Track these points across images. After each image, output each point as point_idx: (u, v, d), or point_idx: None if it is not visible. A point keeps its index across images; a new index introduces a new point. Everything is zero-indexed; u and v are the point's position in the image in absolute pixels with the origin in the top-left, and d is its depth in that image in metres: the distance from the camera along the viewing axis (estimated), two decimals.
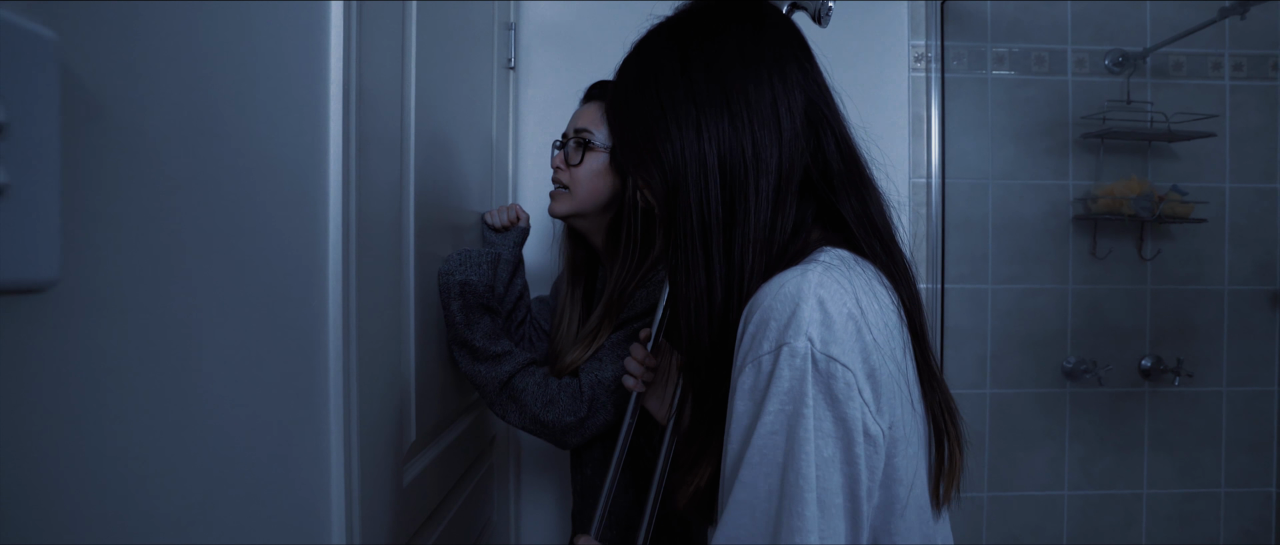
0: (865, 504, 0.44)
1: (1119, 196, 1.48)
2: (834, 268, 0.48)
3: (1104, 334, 1.57)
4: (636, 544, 0.72)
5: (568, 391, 0.87)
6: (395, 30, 0.73)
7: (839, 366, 0.43)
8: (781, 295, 0.45)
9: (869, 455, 0.43)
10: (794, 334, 0.43)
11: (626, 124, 0.56)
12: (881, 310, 0.48)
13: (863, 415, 0.43)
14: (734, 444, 0.46)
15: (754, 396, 0.45)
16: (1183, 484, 1.59)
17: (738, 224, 0.50)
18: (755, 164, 0.51)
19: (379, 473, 0.67)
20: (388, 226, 0.72)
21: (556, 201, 0.98)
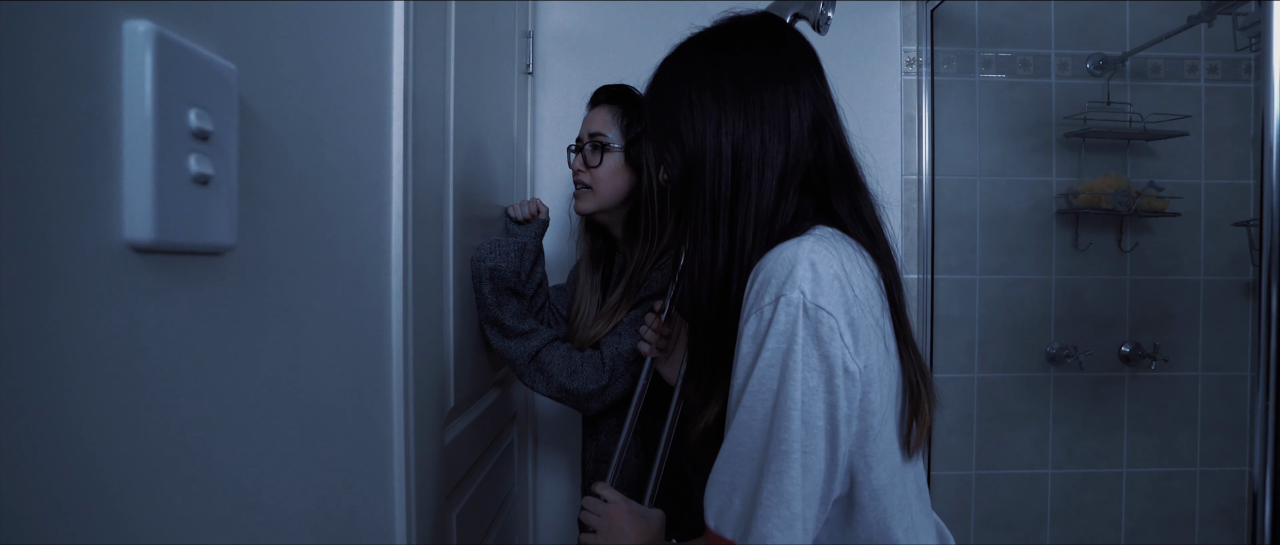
0: (844, 428, 0.53)
1: (1099, 192, 1.57)
2: (825, 239, 0.58)
3: (1085, 321, 1.66)
4: (646, 494, 0.83)
5: (590, 362, 0.98)
6: (440, 36, 0.83)
7: (824, 313, 0.53)
8: (781, 259, 0.55)
9: (847, 387, 0.53)
10: (790, 287, 0.53)
11: (659, 112, 0.66)
12: (862, 276, 0.58)
13: (843, 354, 0.53)
14: (739, 378, 0.56)
15: (756, 339, 0.54)
16: (1160, 463, 1.68)
17: (741, 205, 0.60)
18: (762, 157, 0.61)
19: (428, 429, 0.78)
20: (433, 217, 0.82)
21: (582, 200, 1.09)
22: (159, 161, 0.33)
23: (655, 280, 1.02)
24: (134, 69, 0.32)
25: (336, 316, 0.55)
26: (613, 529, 0.77)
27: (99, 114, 0.31)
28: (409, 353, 0.70)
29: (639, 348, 0.88)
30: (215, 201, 0.37)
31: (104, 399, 0.31)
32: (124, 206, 0.32)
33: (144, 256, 0.33)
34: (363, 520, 0.61)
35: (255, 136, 0.42)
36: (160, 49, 0.33)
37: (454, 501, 0.91)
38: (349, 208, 0.58)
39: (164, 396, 0.35)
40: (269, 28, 0.44)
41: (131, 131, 0.32)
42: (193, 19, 0.37)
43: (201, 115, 0.36)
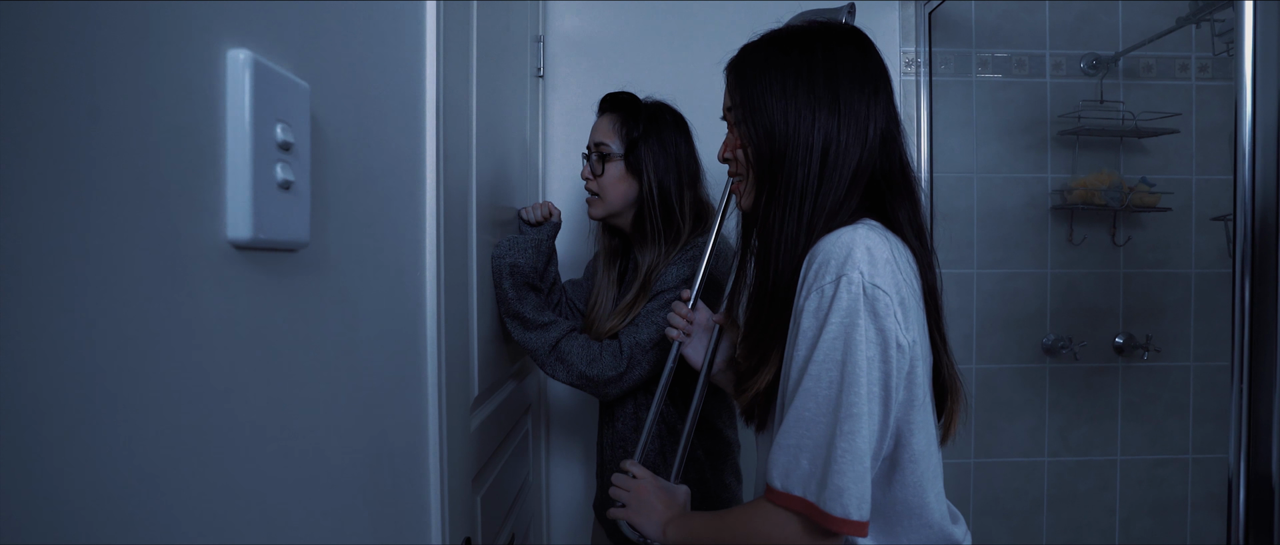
0: (894, 396, 0.61)
1: (1092, 188, 1.62)
2: (876, 228, 0.65)
3: (1080, 314, 1.71)
4: (672, 472, 0.89)
5: (609, 351, 1.04)
6: (463, 45, 0.89)
7: (881, 292, 0.60)
8: (839, 244, 0.62)
9: (898, 359, 0.60)
10: (850, 268, 0.60)
11: (752, 91, 0.71)
12: (907, 262, 0.65)
13: (896, 329, 0.60)
14: (802, 350, 0.62)
15: (818, 315, 0.61)
16: (1152, 451, 1.73)
17: (821, 194, 0.67)
18: (844, 155, 0.67)
19: (457, 415, 0.83)
20: (459, 218, 0.87)
21: (592, 207, 1.16)
22: (255, 170, 0.38)
23: (669, 276, 1.07)
24: (236, 91, 0.37)
25: (382, 308, 0.60)
26: (642, 503, 0.83)
27: (207, 130, 0.36)
28: (441, 343, 0.75)
29: (667, 333, 0.94)
30: (294, 204, 0.43)
31: (213, 372, 0.36)
32: (227, 209, 0.37)
33: (242, 252, 0.38)
34: (404, 496, 0.66)
35: (320, 145, 0.48)
36: (256, 73, 0.38)
37: (479, 485, 0.96)
38: (391, 208, 0.63)
39: (259, 370, 0.40)
40: (330, 47, 0.50)
41: (233, 145, 0.37)
42: (272, 43, 0.42)
43: (285, 129, 0.41)
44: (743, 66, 0.74)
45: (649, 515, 0.83)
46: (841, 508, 0.59)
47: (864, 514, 0.59)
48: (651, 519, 0.82)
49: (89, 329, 0.27)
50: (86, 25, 0.27)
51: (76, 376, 0.27)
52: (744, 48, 0.75)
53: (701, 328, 0.94)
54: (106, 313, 0.28)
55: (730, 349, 0.92)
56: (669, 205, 1.12)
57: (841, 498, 0.59)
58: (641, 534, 0.84)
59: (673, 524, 0.80)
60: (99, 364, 0.28)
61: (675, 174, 1.14)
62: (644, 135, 1.12)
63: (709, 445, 1.12)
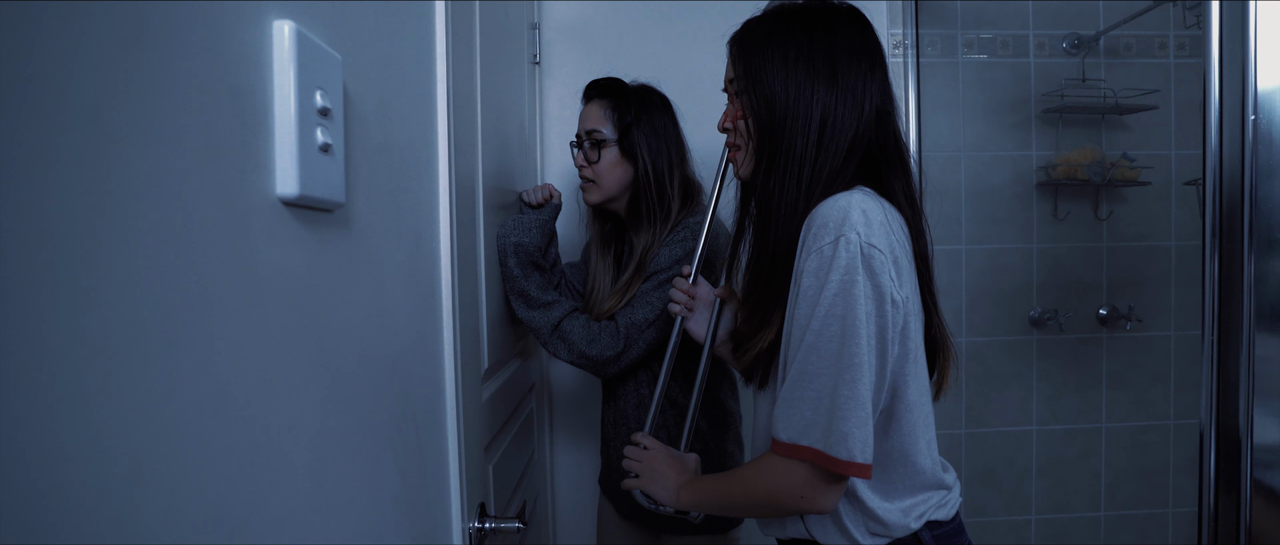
0: (889, 349, 0.65)
1: (1075, 164, 1.67)
2: (870, 194, 0.69)
3: (1065, 287, 1.77)
4: (682, 441, 0.93)
5: (607, 331, 1.08)
6: (468, 30, 0.92)
7: (876, 251, 0.63)
8: (835, 208, 0.66)
9: (893, 314, 0.64)
10: (847, 230, 0.64)
11: (754, 63, 0.74)
12: (899, 225, 0.70)
13: (890, 286, 0.64)
14: (804, 308, 0.66)
15: (819, 274, 0.65)
16: (1137, 418, 1.79)
17: (818, 163, 0.71)
18: (840, 127, 0.71)
19: (470, 383, 0.86)
20: (468, 195, 0.90)
21: (588, 193, 1.19)
22: (300, 132, 0.41)
23: (663, 257, 1.11)
24: (281, 59, 0.40)
25: (404, 271, 0.64)
26: (654, 472, 0.87)
27: (259, 94, 0.39)
28: (456, 312, 0.79)
29: (670, 309, 0.97)
30: (332, 166, 0.46)
31: (272, 317, 0.39)
32: (276, 167, 0.41)
33: (290, 209, 0.42)
34: (428, 454, 0.70)
35: (350, 114, 0.51)
36: (299, 43, 0.41)
37: (490, 455, 1.00)
38: (410, 178, 0.66)
39: (308, 319, 0.43)
40: (357, 24, 0.53)
41: (280, 109, 0.41)
42: (310, 16, 0.45)
43: (324, 95, 0.44)
44: (746, 40, 0.77)
45: (662, 483, 0.87)
46: (847, 451, 0.63)
47: (868, 457, 0.63)
48: (664, 486, 0.86)
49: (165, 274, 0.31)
50: None
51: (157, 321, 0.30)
52: (747, 22, 0.79)
53: (703, 302, 0.98)
54: (180, 258, 0.32)
55: (732, 321, 0.96)
56: (663, 186, 1.15)
57: (847, 442, 0.63)
58: (655, 501, 0.88)
59: (685, 488, 0.85)
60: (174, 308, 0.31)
61: (667, 155, 1.17)
62: (635, 119, 1.16)
63: (712, 416, 1.16)
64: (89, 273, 0.25)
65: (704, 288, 0.99)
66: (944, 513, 0.72)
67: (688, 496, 0.84)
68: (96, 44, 0.26)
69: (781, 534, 0.78)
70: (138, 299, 0.28)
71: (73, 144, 0.25)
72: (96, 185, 0.26)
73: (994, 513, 1.77)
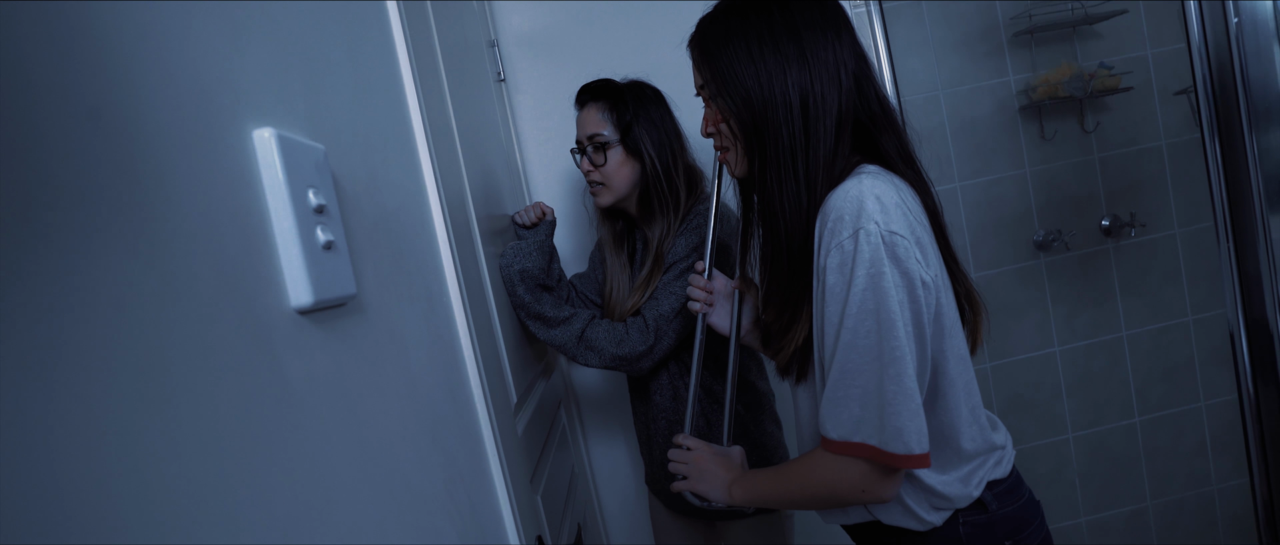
0: (928, 329, 0.64)
1: (1055, 82, 1.66)
2: (879, 175, 0.67)
3: (1064, 205, 1.76)
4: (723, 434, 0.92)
5: (635, 327, 1.08)
6: (433, 68, 0.90)
7: (898, 237, 0.62)
8: (848, 198, 0.64)
9: (925, 297, 0.63)
10: (865, 220, 0.62)
11: (719, 65, 0.72)
12: (915, 201, 0.68)
13: (918, 269, 0.62)
14: (833, 306, 0.64)
15: (843, 271, 0.63)
16: (1155, 320, 1.80)
17: (812, 149, 0.68)
18: (823, 105, 0.68)
19: (505, 424, 0.86)
20: (465, 237, 0.89)
21: (600, 197, 1.18)
22: (302, 239, 0.40)
23: (679, 247, 1.11)
24: (268, 168, 0.39)
25: (425, 335, 0.63)
26: (702, 472, 0.86)
27: (253, 212, 0.38)
28: (478, 358, 0.78)
29: (690, 306, 0.96)
30: (338, 261, 0.45)
31: (308, 429, 0.39)
32: (285, 280, 0.40)
33: (308, 316, 0.41)
34: (480, 509, 0.69)
35: (344, 199, 0.50)
36: (283, 147, 0.40)
37: (536, 485, 1.00)
38: (410, 242, 0.65)
39: (343, 418, 0.43)
40: (330, 103, 0.52)
41: (277, 218, 0.40)
42: (285, 113, 0.44)
43: (316, 193, 0.43)
44: (705, 41, 0.75)
45: (711, 482, 0.86)
46: (904, 445, 0.62)
47: (924, 446, 0.63)
48: (714, 485, 0.86)
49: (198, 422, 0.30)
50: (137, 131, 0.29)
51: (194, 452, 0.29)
52: (701, 21, 0.76)
53: (722, 295, 0.97)
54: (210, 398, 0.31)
55: (753, 310, 0.95)
56: (671, 178, 1.15)
57: (902, 436, 0.62)
58: (706, 500, 0.88)
59: (737, 485, 0.84)
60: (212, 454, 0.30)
61: (669, 147, 1.17)
62: (635, 116, 1.15)
63: (747, 400, 1.16)
64: (124, 438, 0.25)
65: (721, 281, 0.98)
66: (1001, 470, 0.72)
67: (741, 493, 0.84)
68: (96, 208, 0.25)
69: (845, 521, 0.78)
70: (176, 450, 0.27)
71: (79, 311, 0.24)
72: (121, 352, 0.25)
73: (1031, 438, 1.78)
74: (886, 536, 0.75)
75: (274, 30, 0.45)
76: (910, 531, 0.73)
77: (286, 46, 0.46)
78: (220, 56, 0.37)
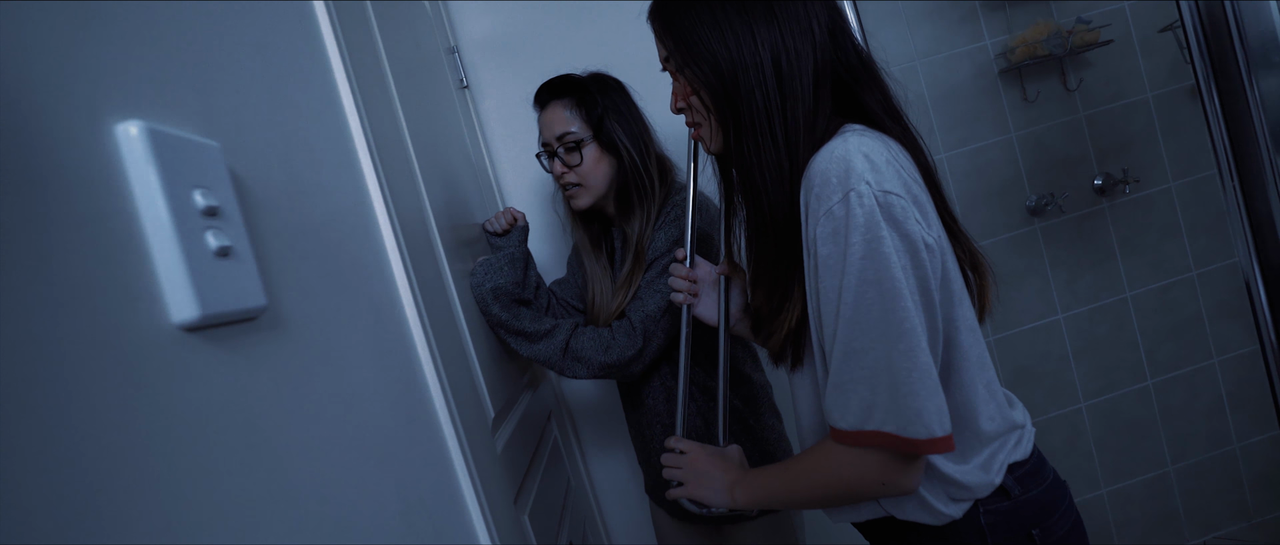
0: (936, 296, 0.57)
1: (1032, 42, 1.61)
2: (866, 132, 0.61)
3: (1054, 167, 1.72)
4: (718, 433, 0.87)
5: (621, 331, 1.02)
6: (378, 74, 0.85)
7: (893, 197, 0.56)
8: (833, 159, 0.58)
9: (930, 261, 0.57)
10: (855, 181, 0.56)
11: (683, 35, 0.66)
12: (907, 158, 0.62)
13: (919, 230, 0.56)
14: (829, 280, 0.58)
15: (836, 239, 0.57)
16: (1158, 277, 1.75)
17: (789, 110, 0.62)
18: (797, 62, 0.62)
19: (480, 442, 0.81)
20: (424, 248, 0.84)
21: (578, 199, 1.12)
22: (184, 245, 0.35)
23: (659, 241, 1.06)
24: (137, 167, 0.34)
25: (370, 353, 0.58)
26: (698, 476, 0.80)
27: (118, 212, 0.33)
28: (442, 374, 0.73)
29: (672, 299, 0.91)
30: (239, 269, 0.40)
31: (207, 461, 0.33)
32: (164, 292, 0.34)
33: (197, 334, 0.36)
34: (449, 534, 0.64)
35: (250, 203, 0.45)
36: (155, 143, 0.35)
37: (522, 505, 0.94)
38: (349, 252, 0.60)
39: (250, 450, 0.37)
40: (233, 101, 0.46)
41: (151, 223, 0.34)
42: (165, 107, 0.39)
43: (206, 194, 0.38)
44: (663, 9, 0.70)
45: (710, 486, 0.80)
46: (925, 428, 0.56)
47: (947, 427, 0.56)
48: (714, 488, 0.80)
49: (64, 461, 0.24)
50: None
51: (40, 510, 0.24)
52: None
53: (707, 284, 0.91)
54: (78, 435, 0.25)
55: (742, 296, 0.90)
56: (648, 170, 1.10)
57: (922, 418, 0.56)
58: (705, 504, 0.82)
59: (739, 486, 0.78)
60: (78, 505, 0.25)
61: (641, 137, 1.12)
62: (606, 110, 1.10)
63: (743, 393, 1.11)
64: None
65: (704, 268, 0.92)
66: (1022, 451, 0.66)
67: (744, 495, 0.77)
68: None
69: (856, 518, 0.72)
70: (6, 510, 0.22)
71: None
72: None
73: (1042, 410, 1.73)
74: (901, 532, 0.69)
75: (151, 20, 0.40)
76: (926, 526, 0.67)
77: (169, 39, 0.41)
78: (74, 45, 0.32)
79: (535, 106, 1.17)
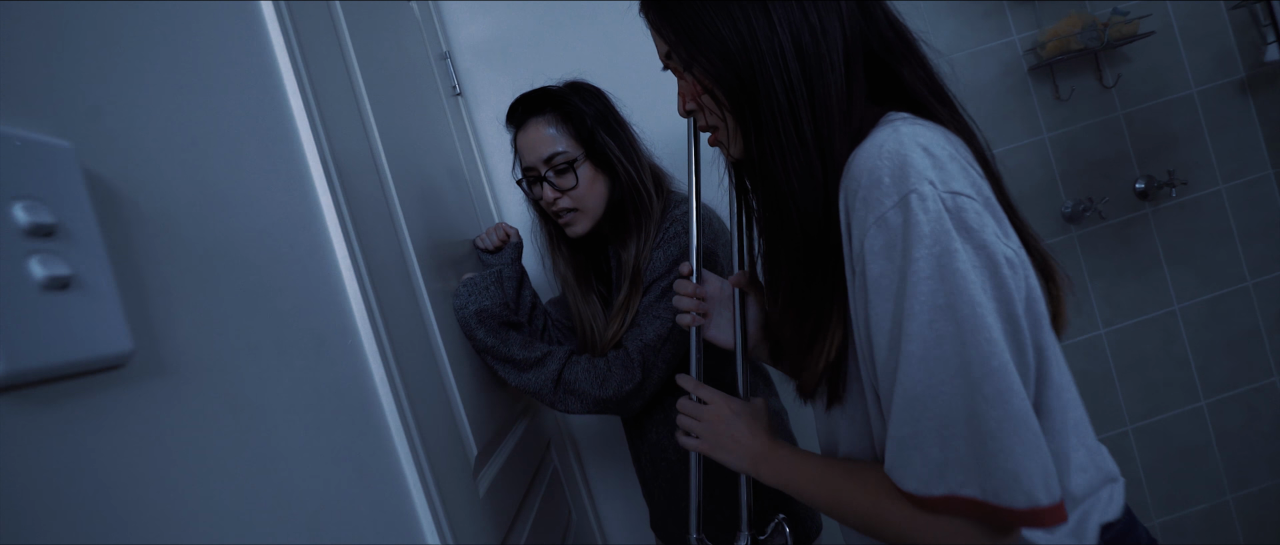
0: (1024, 323, 0.45)
1: (1065, 35, 1.50)
2: (916, 121, 0.50)
3: (1091, 170, 1.60)
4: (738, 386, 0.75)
5: (618, 362, 0.92)
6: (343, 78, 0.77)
7: (964, 199, 0.45)
8: (883, 154, 0.47)
9: (1013, 279, 0.45)
10: (914, 181, 0.45)
11: (682, 22, 0.56)
12: (967, 151, 0.51)
13: (996, 243, 0.45)
14: (881, 307, 0.47)
15: (891, 254, 0.46)
16: (1208, 288, 1.62)
17: (819, 98, 0.52)
18: (824, 38, 0.52)
19: (456, 486, 0.71)
20: (396, 270, 0.75)
21: (575, 225, 1.01)
22: None
23: (658, 259, 0.96)
24: None
25: (305, 395, 0.49)
26: (718, 435, 0.67)
27: None
28: (407, 413, 0.64)
29: (679, 320, 0.79)
30: (88, 305, 0.31)
31: None
32: None
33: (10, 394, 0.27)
34: None
35: (126, 220, 0.36)
36: None
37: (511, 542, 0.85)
38: (287, 277, 0.51)
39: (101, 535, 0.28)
40: (108, 93, 0.38)
41: None
42: None
43: (33, 208, 0.29)
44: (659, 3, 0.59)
45: (732, 450, 0.67)
46: (1026, 495, 0.44)
47: (1056, 493, 0.45)
48: (735, 454, 0.66)
49: None
50: None
51: None
52: None
53: (719, 302, 0.79)
54: None
55: (760, 313, 0.78)
56: (644, 184, 1.00)
57: (1020, 482, 0.44)
58: None
59: (765, 462, 0.65)
60: None
61: (633, 149, 1.02)
62: (595, 123, 1.00)
63: None
64: None
65: (713, 282, 0.80)
66: (1115, 508, 0.54)
67: (769, 474, 0.64)
68: None
69: None
70: None
71: None
72: None
73: None
74: None
75: None
76: None
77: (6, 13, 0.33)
78: None
79: (509, 126, 1.07)
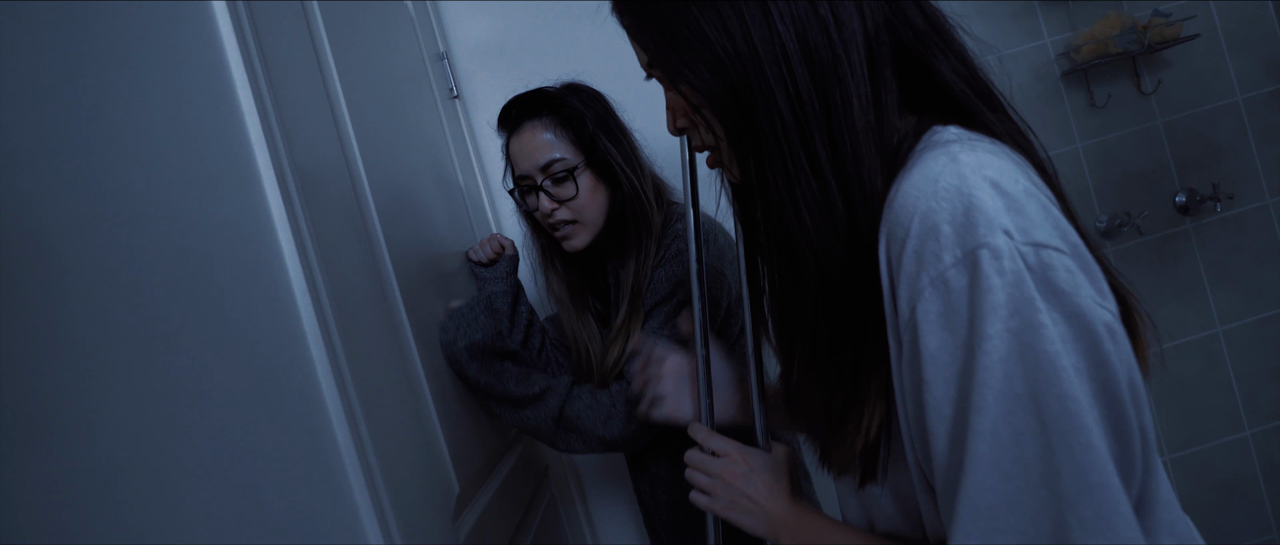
0: (1130, 409, 0.36)
1: (1102, 38, 1.41)
2: (976, 141, 0.40)
3: (1128, 183, 1.50)
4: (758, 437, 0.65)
5: (621, 399, 0.84)
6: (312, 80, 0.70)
7: (1050, 253, 0.35)
8: (940, 192, 0.37)
9: (1116, 354, 0.36)
10: (985, 230, 0.35)
11: (662, 26, 0.46)
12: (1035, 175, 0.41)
13: (1093, 306, 0.35)
14: (941, 387, 0.38)
15: (952, 325, 0.37)
16: (1254, 310, 1.51)
17: (837, 111, 0.42)
18: (840, 36, 0.42)
19: (429, 532, 0.63)
20: (367, 290, 0.68)
21: (573, 239, 0.93)
22: None
23: (660, 279, 0.87)
24: None
25: (232, 449, 0.41)
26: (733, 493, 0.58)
27: None
28: (369, 454, 0.56)
29: (653, 414, 0.72)
30: None
31: None
32: None
33: None
34: None
35: None
36: None
37: None
38: (217, 302, 0.44)
39: None
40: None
41: None
42: None
43: None
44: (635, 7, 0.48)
45: (746, 512, 0.58)
46: None
47: None
48: (751, 516, 0.58)
49: None
50: None
51: None
52: None
53: (677, 378, 0.72)
54: None
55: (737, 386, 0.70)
56: (646, 193, 0.92)
57: None
58: None
59: (786, 530, 0.56)
60: None
61: (635, 156, 0.94)
62: (596, 128, 0.92)
63: None
64: None
65: (674, 361, 0.73)
66: None
67: (792, 542, 0.55)
68: None
69: None
70: None
71: None
72: None
73: None
74: None
75: None
76: None
77: None
78: None
79: (501, 131, 0.99)
